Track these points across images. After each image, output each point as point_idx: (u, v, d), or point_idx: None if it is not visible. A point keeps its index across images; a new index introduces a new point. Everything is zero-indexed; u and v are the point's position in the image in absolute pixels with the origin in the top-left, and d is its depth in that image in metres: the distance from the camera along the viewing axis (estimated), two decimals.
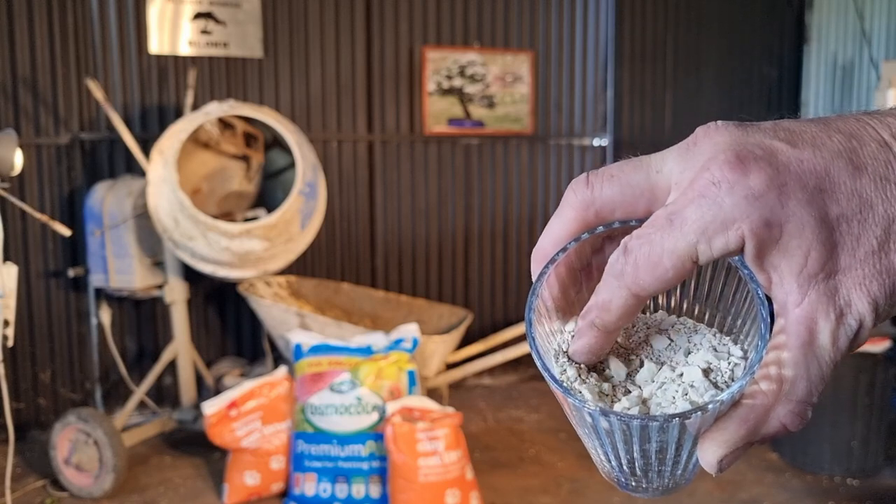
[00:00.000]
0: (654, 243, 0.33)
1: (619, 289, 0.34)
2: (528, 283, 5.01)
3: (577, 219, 0.37)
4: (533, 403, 4.56)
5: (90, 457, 3.32)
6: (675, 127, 5.30)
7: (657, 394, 0.36)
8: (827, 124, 0.34)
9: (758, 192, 0.32)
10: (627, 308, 0.35)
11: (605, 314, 0.35)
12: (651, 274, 0.33)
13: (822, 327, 0.33)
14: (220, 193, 3.83)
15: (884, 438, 3.49)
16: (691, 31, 5.26)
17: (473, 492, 3.03)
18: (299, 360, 3.24)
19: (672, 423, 0.34)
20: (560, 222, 0.38)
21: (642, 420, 0.34)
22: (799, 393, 0.33)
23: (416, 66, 4.66)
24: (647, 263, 0.33)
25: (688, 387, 0.36)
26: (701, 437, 0.35)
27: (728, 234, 0.32)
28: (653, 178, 0.37)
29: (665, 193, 0.36)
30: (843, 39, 5.41)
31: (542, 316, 0.38)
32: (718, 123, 0.35)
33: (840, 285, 0.33)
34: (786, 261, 0.33)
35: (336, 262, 4.60)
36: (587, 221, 0.37)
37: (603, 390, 0.37)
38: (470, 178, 4.86)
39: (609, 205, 0.37)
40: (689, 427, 0.34)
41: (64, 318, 4.11)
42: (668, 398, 0.36)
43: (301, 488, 3.15)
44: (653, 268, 0.33)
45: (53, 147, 4.01)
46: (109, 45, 4.06)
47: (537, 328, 0.37)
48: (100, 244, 3.66)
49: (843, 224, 0.33)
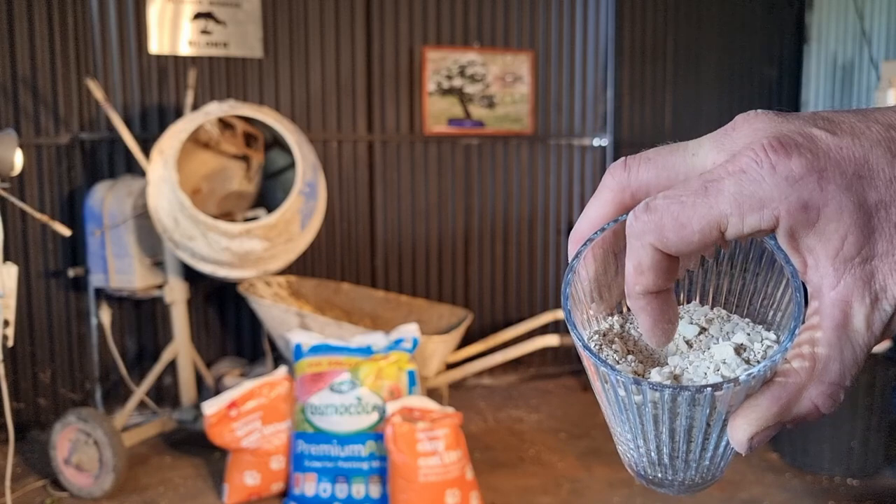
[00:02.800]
0: (686, 205, 0.33)
1: (643, 248, 0.34)
2: (528, 283, 5.02)
3: (614, 201, 0.38)
4: (533, 403, 4.56)
5: (90, 457, 3.32)
6: (675, 126, 5.30)
7: (689, 369, 0.36)
8: (865, 115, 0.35)
9: (798, 174, 0.32)
10: (659, 263, 0.35)
11: (641, 277, 0.35)
12: (677, 233, 0.33)
13: (856, 310, 0.33)
14: (220, 193, 3.83)
15: (884, 438, 3.49)
16: (691, 30, 5.27)
17: (473, 492, 3.03)
18: (299, 360, 3.25)
19: (703, 394, 0.33)
20: (597, 204, 0.38)
21: (674, 390, 0.33)
22: (832, 374, 0.34)
23: (416, 66, 4.66)
24: (675, 223, 0.33)
25: (720, 363, 0.36)
26: (732, 414, 0.35)
27: (763, 212, 0.33)
28: (689, 162, 0.37)
29: None
30: (842, 39, 5.41)
31: (578, 296, 0.39)
32: (758, 112, 0.35)
33: (876, 270, 0.33)
34: (822, 244, 0.33)
35: (336, 262, 4.60)
36: (624, 204, 0.38)
37: (636, 370, 0.37)
38: (470, 178, 4.86)
39: (645, 187, 0.37)
40: (718, 403, 0.34)
41: (64, 318, 4.11)
42: (699, 373, 0.36)
43: (301, 488, 3.15)
44: (679, 227, 0.33)
45: (53, 147, 4.01)
46: (109, 45, 4.07)
47: (574, 305, 0.38)
48: (100, 244, 3.66)
49: (882, 210, 0.33)
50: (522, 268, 5.03)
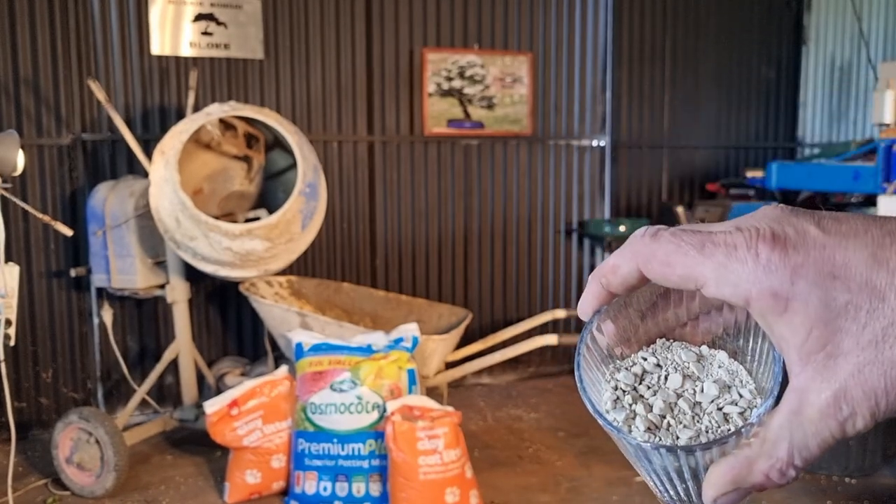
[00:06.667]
0: (680, 251, 0.36)
1: (630, 261, 0.38)
2: (527, 282, 5.04)
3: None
4: (532, 402, 4.58)
5: (92, 456, 3.34)
6: (673, 128, 5.33)
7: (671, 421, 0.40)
8: (876, 222, 0.36)
9: (774, 266, 0.35)
10: (630, 278, 0.39)
11: (611, 275, 0.40)
12: (660, 269, 0.37)
13: (812, 401, 0.35)
14: (221, 194, 3.85)
15: (881, 438, 3.50)
16: (689, 32, 5.29)
17: (473, 490, 3.05)
18: (300, 360, 3.26)
19: (676, 453, 0.38)
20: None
21: (653, 447, 0.38)
22: (780, 452, 0.36)
23: (416, 67, 4.68)
24: (664, 260, 0.37)
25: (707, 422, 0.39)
26: None
27: (737, 288, 0.35)
28: None
29: None
30: (841, 40, 5.43)
31: (591, 359, 0.42)
32: (777, 205, 0.38)
33: (839, 368, 0.35)
34: (791, 333, 0.35)
35: (336, 262, 4.62)
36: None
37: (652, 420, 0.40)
38: (469, 179, 4.88)
39: None
40: (698, 459, 0.38)
41: (66, 317, 4.13)
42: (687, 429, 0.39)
43: (302, 486, 3.16)
44: (665, 265, 0.37)
45: (55, 147, 4.03)
46: (111, 46, 4.09)
47: (586, 372, 0.41)
48: (102, 244, 3.68)
49: (851, 311, 0.34)
50: (522, 267, 5.05)
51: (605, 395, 0.41)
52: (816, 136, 5.62)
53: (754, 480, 0.37)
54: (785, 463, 0.36)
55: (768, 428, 0.36)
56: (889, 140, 3.94)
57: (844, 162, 4.30)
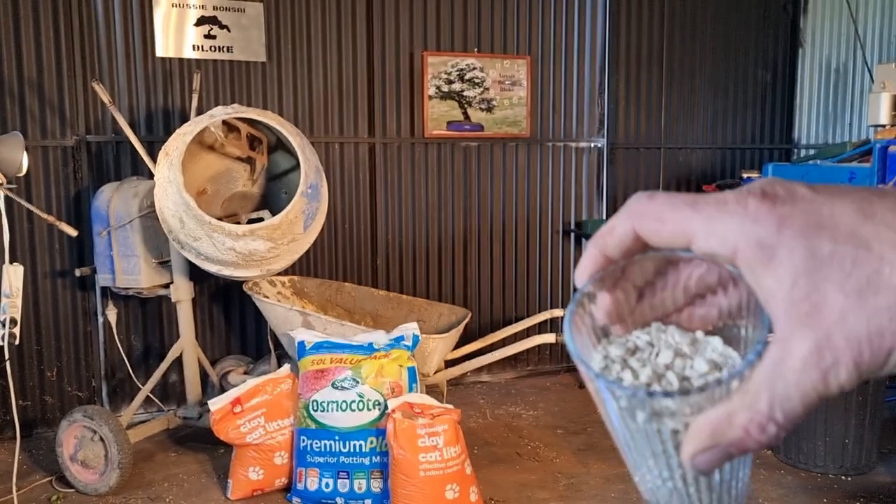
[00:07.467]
0: (673, 207, 0.38)
1: (626, 221, 0.39)
2: (526, 282, 5.08)
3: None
4: (530, 400, 4.62)
5: (96, 453, 3.36)
6: (669, 129, 5.37)
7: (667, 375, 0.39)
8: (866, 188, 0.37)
9: (762, 217, 0.35)
10: (626, 239, 0.39)
11: (608, 236, 0.40)
12: (653, 225, 0.38)
13: (795, 351, 0.34)
14: (224, 195, 3.89)
15: (877, 435, 3.51)
16: (686, 35, 5.33)
17: (472, 486, 3.08)
18: (302, 358, 3.30)
19: (655, 398, 0.37)
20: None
21: (634, 391, 0.37)
22: (761, 404, 0.35)
23: (417, 70, 4.72)
24: (657, 216, 0.38)
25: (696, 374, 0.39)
26: None
27: (725, 240, 0.36)
28: None
29: None
30: (836, 43, 5.48)
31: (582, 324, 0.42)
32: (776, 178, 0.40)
33: (823, 317, 0.34)
34: (777, 284, 0.35)
35: (338, 262, 4.67)
36: None
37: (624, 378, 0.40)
38: (469, 180, 4.93)
39: None
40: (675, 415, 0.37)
41: (70, 316, 4.17)
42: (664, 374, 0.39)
43: (304, 483, 3.20)
44: (658, 221, 0.38)
45: (60, 149, 4.07)
46: (115, 48, 4.13)
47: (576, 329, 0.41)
48: (106, 244, 3.71)
49: (837, 260, 0.34)
50: (520, 267, 5.09)
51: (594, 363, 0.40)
52: (812, 138, 5.66)
53: (733, 435, 0.36)
54: (765, 416, 0.35)
55: (750, 381, 0.36)
56: (885, 141, 3.98)
57: (840, 163, 4.34)
